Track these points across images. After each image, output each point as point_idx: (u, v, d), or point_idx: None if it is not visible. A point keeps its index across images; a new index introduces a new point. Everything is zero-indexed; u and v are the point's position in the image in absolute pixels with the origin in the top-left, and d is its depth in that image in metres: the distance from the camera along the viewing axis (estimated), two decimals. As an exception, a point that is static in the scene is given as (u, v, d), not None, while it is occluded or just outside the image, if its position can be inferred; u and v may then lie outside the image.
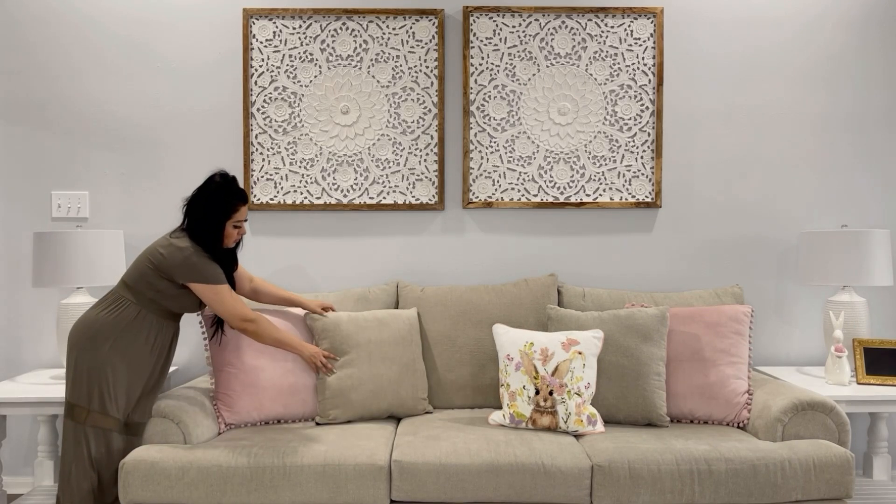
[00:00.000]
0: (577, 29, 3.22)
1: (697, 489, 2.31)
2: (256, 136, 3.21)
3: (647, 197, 3.25)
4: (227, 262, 2.56)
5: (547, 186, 3.24)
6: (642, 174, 3.24)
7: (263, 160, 3.21)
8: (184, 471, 2.28)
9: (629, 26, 3.22)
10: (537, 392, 2.57)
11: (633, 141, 3.24)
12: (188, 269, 2.40)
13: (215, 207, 2.47)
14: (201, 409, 2.57)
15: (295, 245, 3.21)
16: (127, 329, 2.40)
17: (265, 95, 3.20)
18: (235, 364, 2.63)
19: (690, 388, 2.72)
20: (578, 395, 2.56)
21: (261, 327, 2.49)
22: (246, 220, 2.57)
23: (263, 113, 3.21)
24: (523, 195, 3.24)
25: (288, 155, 3.22)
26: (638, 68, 3.22)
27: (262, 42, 3.20)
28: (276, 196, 3.22)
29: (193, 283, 2.41)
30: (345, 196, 3.23)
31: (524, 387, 2.59)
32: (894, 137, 3.29)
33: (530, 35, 3.22)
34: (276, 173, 3.22)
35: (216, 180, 2.52)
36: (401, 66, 3.21)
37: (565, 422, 2.55)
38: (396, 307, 3.03)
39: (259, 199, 3.21)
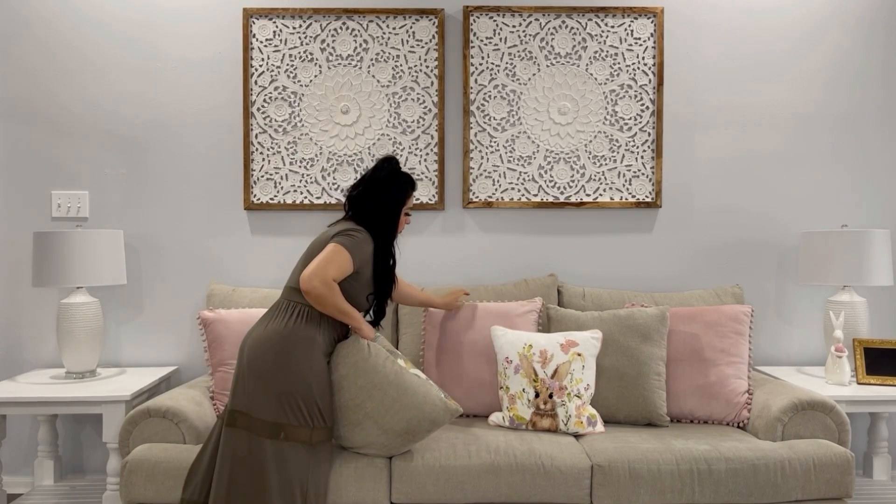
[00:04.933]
0: (578, 29, 3.22)
1: (697, 489, 2.31)
2: (256, 136, 3.21)
3: (647, 197, 3.25)
4: (393, 253, 2.46)
5: (547, 186, 3.24)
6: (642, 174, 3.24)
7: (263, 160, 3.21)
8: (187, 471, 2.27)
9: (629, 26, 3.22)
10: (537, 395, 2.57)
11: (634, 141, 3.24)
12: (343, 235, 2.28)
13: (391, 196, 2.41)
14: (201, 408, 2.57)
15: (295, 245, 3.19)
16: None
17: (265, 95, 3.20)
18: (234, 364, 2.63)
19: (690, 387, 2.72)
20: (578, 396, 2.56)
21: (332, 293, 2.22)
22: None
23: (263, 112, 3.21)
24: (523, 195, 3.24)
25: (288, 154, 3.22)
26: (638, 68, 3.22)
27: (262, 42, 3.20)
28: (276, 196, 3.21)
29: (331, 242, 2.26)
30: (345, 196, 3.22)
31: (524, 390, 2.58)
32: (894, 137, 3.29)
33: (530, 35, 3.21)
34: (276, 173, 3.22)
35: (385, 167, 2.44)
36: (401, 65, 3.21)
37: (565, 424, 2.55)
38: (396, 307, 3.03)
39: (259, 199, 3.21)
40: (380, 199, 2.39)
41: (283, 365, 2.19)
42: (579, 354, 2.59)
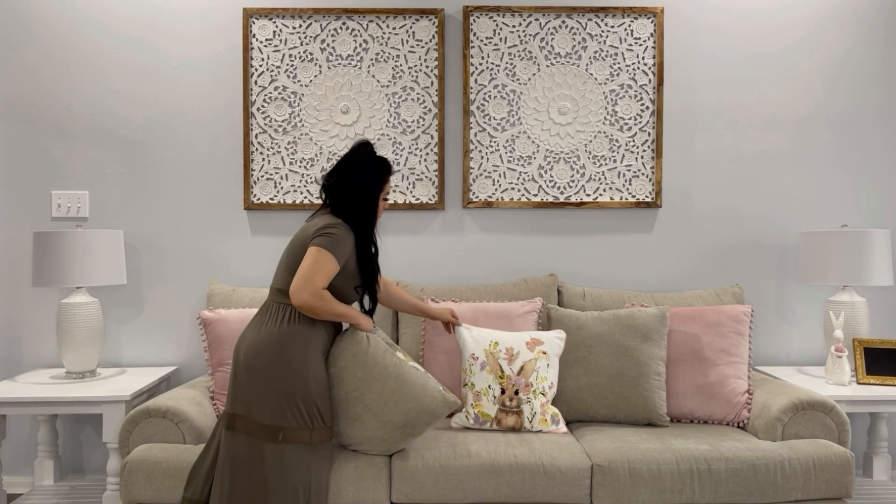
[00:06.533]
0: (578, 29, 3.22)
1: (697, 489, 2.31)
2: (256, 136, 3.21)
3: (647, 197, 3.25)
4: (374, 241, 2.37)
5: (547, 186, 3.24)
6: (642, 174, 3.24)
7: (263, 160, 3.21)
8: (187, 471, 2.27)
9: (629, 26, 3.22)
10: (503, 392, 2.57)
11: (634, 141, 3.24)
12: (322, 235, 2.21)
13: (368, 181, 2.33)
14: (201, 408, 2.57)
15: (295, 245, 3.21)
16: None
17: (265, 95, 3.20)
18: (235, 364, 2.63)
19: (690, 387, 2.72)
20: (543, 394, 2.57)
21: (325, 302, 2.19)
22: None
23: (263, 112, 3.21)
24: (523, 195, 3.24)
25: (288, 154, 3.22)
26: (638, 68, 3.22)
27: (262, 42, 3.20)
28: (276, 196, 3.22)
29: (312, 245, 2.19)
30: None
31: (489, 386, 2.57)
32: (894, 137, 3.29)
33: (530, 35, 3.21)
34: (276, 173, 3.22)
35: (362, 153, 2.36)
36: (401, 65, 3.21)
37: (530, 421, 2.55)
38: (396, 307, 3.03)
39: (259, 199, 3.21)
40: (357, 188, 2.31)
41: (282, 367, 2.18)
42: (544, 353, 2.60)
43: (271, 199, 3.22)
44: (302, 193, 3.21)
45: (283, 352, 2.19)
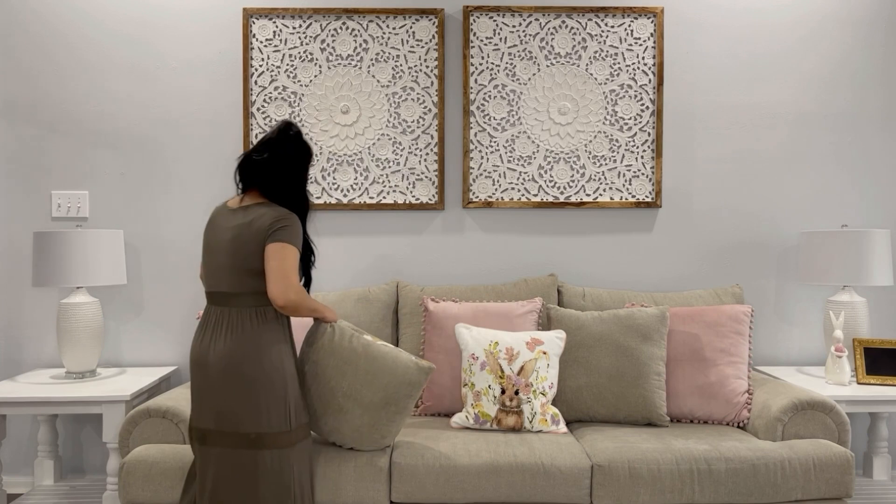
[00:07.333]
0: (578, 29, 3.22)
1: (697, 489, 2.31)
2: (256, 136, 3.21)
3: (647, 197, 3.25)
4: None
5: (547, 186, 3.24)
6: (642, 174, 3.24)
7: (263, 160, 3.21)
8: (184, 471, 2.27)
9: (629, 26, 3.22)
10: (503, 392, 2.57)
11: (634, 141, 3.24)
12: (280, 229, 2.10)
13: (305, 168, 2.24)
14: (201, 408, 2.57)
15: (295, 245, 3.20)
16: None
17: (265, 95, 3.20)
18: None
19: (690, 387, 2.72)
20: (543, 394, 2.57)
21: (304, 297, 2.15)
22: None
23: (263, 113, 3.21)
24: (523, 195, 3.24)
25: (288, 155, 3.21)
26: (638, 68, 3.22)
27: (262, 42, 3.20)
28: (276, 196, 3.21)
29: (276, 241, 2.08)
30: (345, 196, 3.23)
31: (490, 386, 2.58)
32: (894, 137, 3.29)
33: (530, 35, 3.22)
34: (276, 173, 3.21)
35: (297, 136, 2.24)
36: (401, 65, 3.21)
37: (530, 421, 2.55)
38: (396, 307, 3.04)
39: (259, 199, 3.21)
40: (297, 175, 2.23)
41: (265, 371, 2.10)
42: (544, 353, 2.60)
43: (271, 199, 3.22)
44: (302, 193, 3.21)
45: (261, 356, 2.10)
